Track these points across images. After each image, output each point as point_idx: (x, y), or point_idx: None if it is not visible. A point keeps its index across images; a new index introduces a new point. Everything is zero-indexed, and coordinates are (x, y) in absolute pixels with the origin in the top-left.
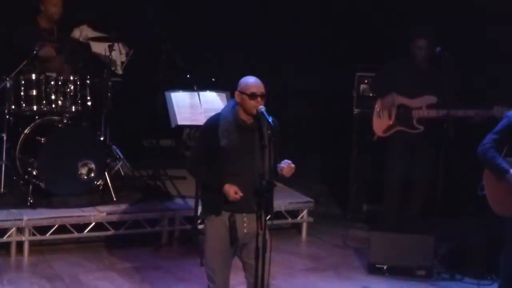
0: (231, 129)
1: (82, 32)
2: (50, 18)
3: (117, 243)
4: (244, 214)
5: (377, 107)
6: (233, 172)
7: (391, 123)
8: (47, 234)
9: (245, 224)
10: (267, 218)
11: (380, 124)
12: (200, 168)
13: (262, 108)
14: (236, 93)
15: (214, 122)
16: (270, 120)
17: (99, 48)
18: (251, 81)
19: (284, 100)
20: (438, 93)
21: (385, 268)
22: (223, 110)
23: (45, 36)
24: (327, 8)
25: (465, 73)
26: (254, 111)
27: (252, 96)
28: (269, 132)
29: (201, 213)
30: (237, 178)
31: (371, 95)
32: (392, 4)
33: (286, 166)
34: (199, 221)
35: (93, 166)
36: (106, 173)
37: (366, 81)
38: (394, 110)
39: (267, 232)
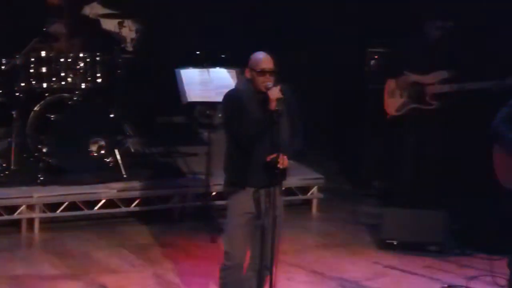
0: (252, 100)
1: (92, 9)
2: None
3: (128, 220)
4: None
5: (388, 86)
6: (257, 144)
7: (404, 101)
8: (58, 211)
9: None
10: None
11: (393, 103)
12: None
13: (269, 84)
14: (247, 69)
15: (235, 94)
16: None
17: (109, 25)
18: (260, 57)
19: (295, 76)
20: (450, 68)
21: (395, 243)
22: (238, 84)
23: (54, 12)
24: None
25: (472, 45)
26: (263, 88)
27: (261, 73)
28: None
29: (224, 187)
30: (261, 148)
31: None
32: None
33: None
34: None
35: (103, 143)
36: (116, 150)
37: (376, 56)
38: (407, 88)
39: (281, 206)
